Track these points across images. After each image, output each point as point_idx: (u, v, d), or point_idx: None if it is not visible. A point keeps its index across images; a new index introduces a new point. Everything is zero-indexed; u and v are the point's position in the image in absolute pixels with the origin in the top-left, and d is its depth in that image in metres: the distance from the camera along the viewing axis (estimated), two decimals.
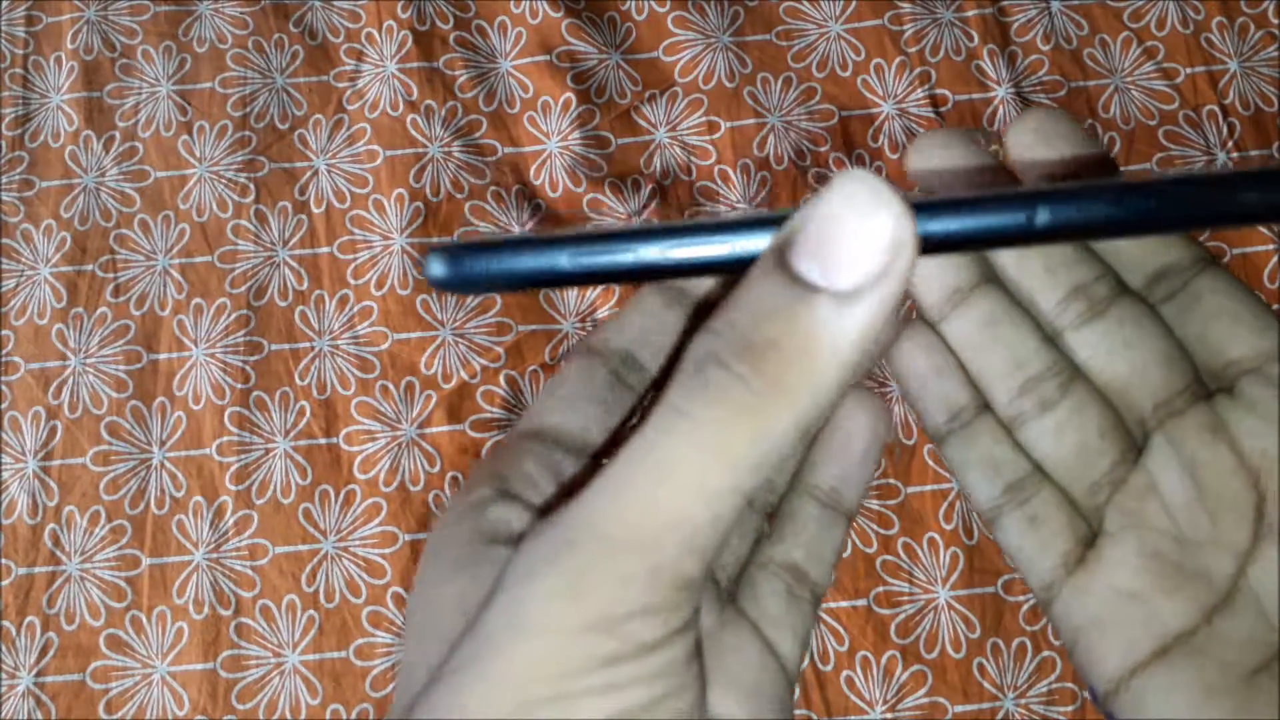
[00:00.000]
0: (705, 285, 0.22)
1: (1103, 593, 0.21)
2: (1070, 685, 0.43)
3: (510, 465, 0.20)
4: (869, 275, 0.15)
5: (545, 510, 0.19)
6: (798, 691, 0.43)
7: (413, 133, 0.51)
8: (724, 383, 0.16)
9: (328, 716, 0.44)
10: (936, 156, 0.22)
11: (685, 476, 0.16)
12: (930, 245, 0.17)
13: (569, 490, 0.18)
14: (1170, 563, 0.20)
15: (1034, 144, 0.21)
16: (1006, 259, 0.22)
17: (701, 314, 0.22)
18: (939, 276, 0.22)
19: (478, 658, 0.16)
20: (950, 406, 0.23)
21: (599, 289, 0.48)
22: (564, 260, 0.17)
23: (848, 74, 0.52)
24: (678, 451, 0.16)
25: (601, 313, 0.48)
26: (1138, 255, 0.22)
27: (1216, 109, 0.50)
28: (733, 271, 0.17)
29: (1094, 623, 0.21)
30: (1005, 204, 0.17)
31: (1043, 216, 0.17)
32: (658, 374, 0.22)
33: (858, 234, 0.15)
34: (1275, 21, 0.52)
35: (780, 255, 0.16)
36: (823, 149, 0.51)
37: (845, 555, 0.45)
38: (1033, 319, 0.22)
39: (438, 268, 0.17)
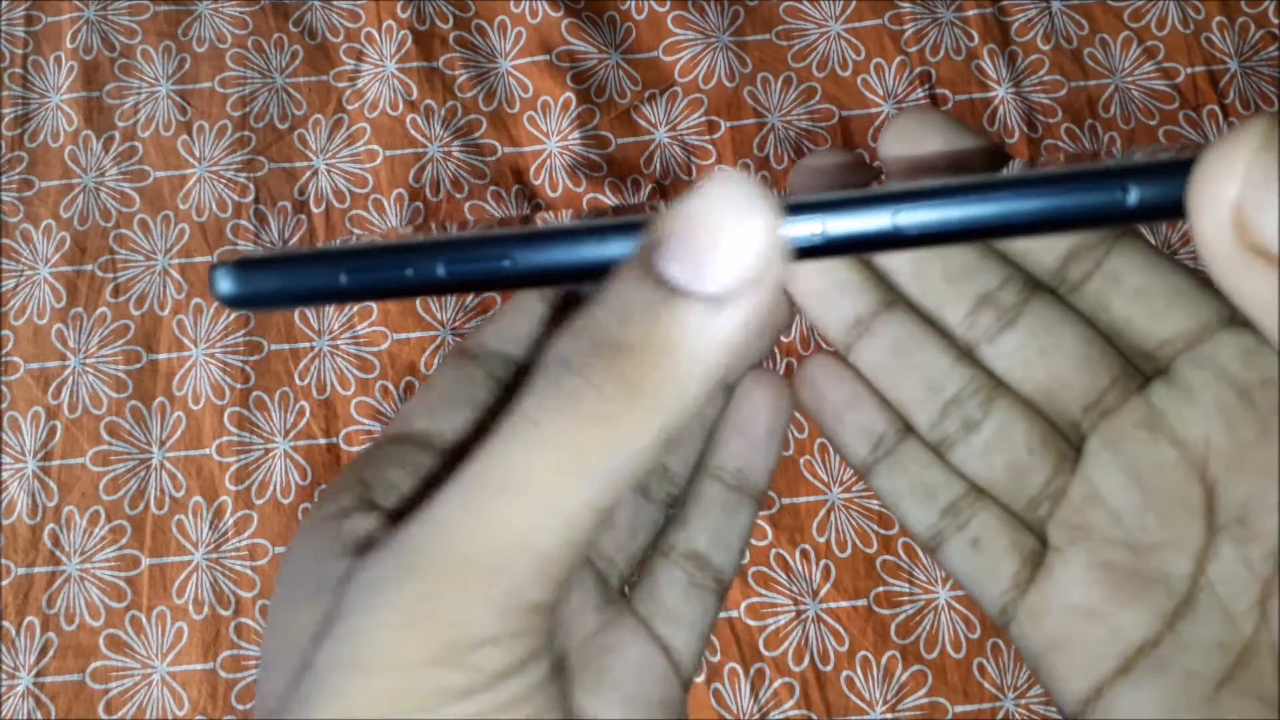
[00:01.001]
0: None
1: (1058, 612, 0.20)
2: None
3: (374, 472, 0.19)
4: (738, 280, 0.14)
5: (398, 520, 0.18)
6: (797, 691, 0.43)
7: (412, 132, 0.51)
8: (577, 389, 0.15)
9: None
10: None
11: (534, 493, 0.15)
12: (806, 251, 0.16)
13: (419, 501, 0.17)
14: (1124, 571, 0.19)
15: (901, 143, 0.20)
16: (903, 277, 0.21)
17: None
18: (838, 305, 0.21)
19: (310, 699, 0.15)
20: (870, 436, 0.21)
21: None
22: (343, 278, 0.16)
23: (848, 74, 0.52)
24: (527, 464, 0.15)
25: None
26: (1042, 240, 0.21)
27: (1217, 109, 0.50)
28: (569, 283, 0.17)
29: (1053, 644, 0.20)
30: (869, 204, 0.16)
31: (912, 217, 0.16)
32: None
33: (728, 237, 0.14)
34: (1276, 21, 0.52)
35: (646, 258, 0.15)
36: (823, 149, 0.51)
37: (845, 555, 0.45)
38: (943, 336, 0.21)
39: (225, 284, 0.16)
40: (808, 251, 0.16)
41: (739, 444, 0.22)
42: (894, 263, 0.21)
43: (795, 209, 0.16)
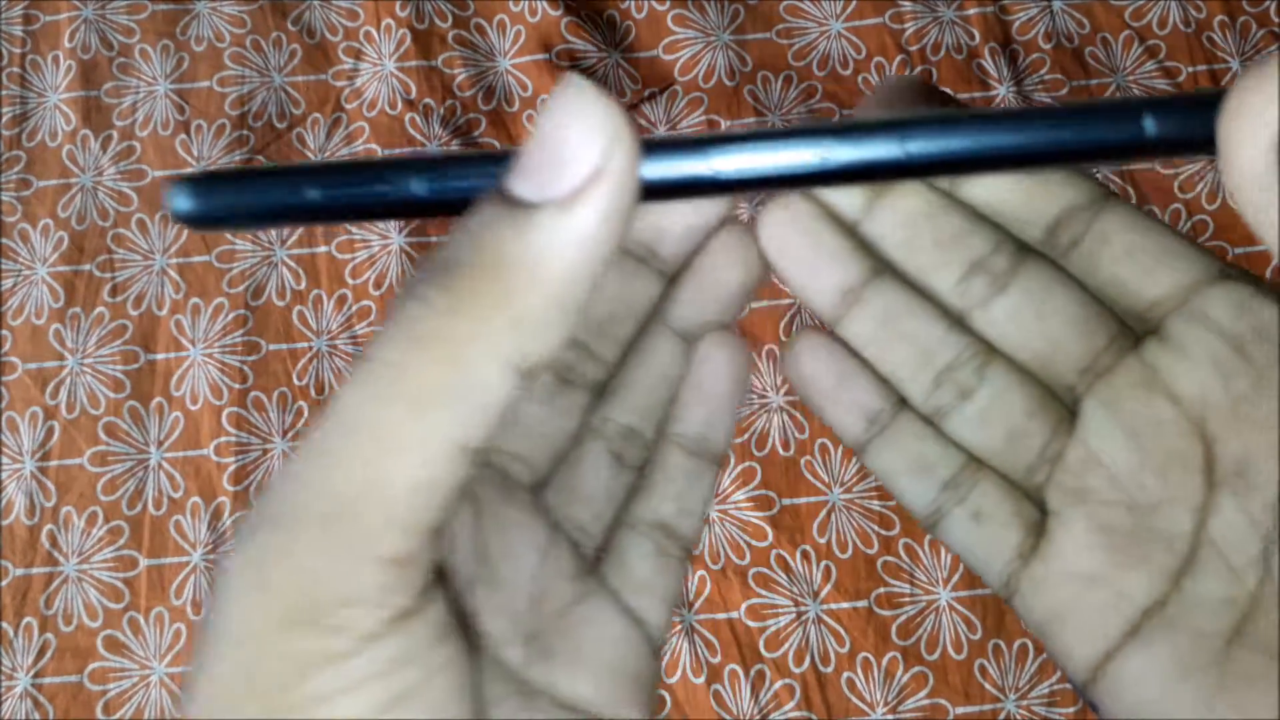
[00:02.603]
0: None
1: (1061, 580, 0.20)
2: (1072, 686, 0.43)
3: None
4: (582, 177, 0.14)
5: None
6: (798, 692, 0.43)
7: (411, 131, 0.51)
8: (416, 315, 0.14)
9: None
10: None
11: (381, 432, 0.14)
12: (659, 190, 0.16)
13: None
14: (1125, 534, 0.19)
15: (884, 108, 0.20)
16: (892, 244, 0.21)
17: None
18: (825, 276, 0.21)
19: (193, 681, 0.14)
20: (865, 412, 0.21)
21: None
22: (315, 193, 0.16)
23: (848, 72, 0.52)
24: (367, 405, 0.14)
25: None
26: (1031, 206, 0.20)
27: None
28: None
29: (1058, 613, 0.20)
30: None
31: (840, 153, 0.15)
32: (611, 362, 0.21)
33: (569, 138, 0.14)
34: (1277, 20, 0.52)
35: (499, 180, 0.14)
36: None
37: (846, 556, 0.45)
38: (935, 304, 0.21)
39: (183, 201, 0.16)
40: (662, 191, 0.16)
41: (699, 409, 0.21)
42: (882, 229, 0.21)
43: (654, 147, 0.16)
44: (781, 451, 0.46)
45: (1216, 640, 0.18)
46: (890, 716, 0.43)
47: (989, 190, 0.20)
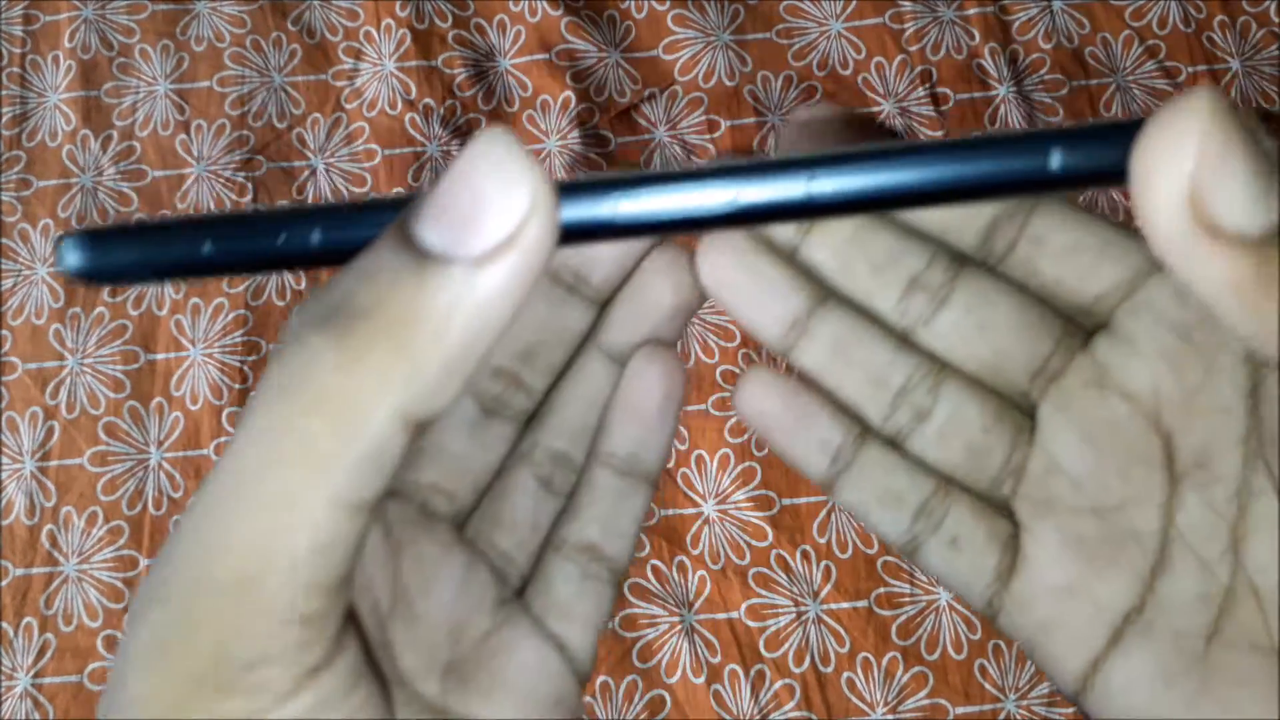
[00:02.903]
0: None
1: (1041, 595, 0.19)
2: None
3: None
4: (497, 240, 0.13)
5: None
6: (798, 692, 0.43)
7: (411, 131, 0.51)
8: (304, 368, 0.13)
9: None
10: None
11: (272, 500, 0.13)
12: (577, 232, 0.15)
13: None
14: (1095, 540, 0.19)
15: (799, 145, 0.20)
16: (830, 270, 0.20)
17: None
18: (769, 307, 0.20)
19: None
20: (826, 449, 0.21)
21: None
22: (210, 248, 0.15)
23: (848, 72, 0.52)
24: (260, 469, 0.13)
25: None
26: (961, 214, 0.20)
27: None
28: None
29: (1041, 628, 0.19)
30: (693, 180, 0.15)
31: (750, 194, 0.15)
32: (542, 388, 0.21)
33: (486, 193, 0.13)
34: (1277, 20, 0.52)
35: (403, 221, 0.13)
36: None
37: (846, 556, 0.45)
38: (880, 326, 0.20)
39: (73, 256, 0.15)
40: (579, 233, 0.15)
41: (630, 427, 0.21)
42: (817, 254, 0.20)
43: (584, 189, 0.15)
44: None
45: (1196, 640, 0.18)
46: (890, 716, 0.43)
47: None
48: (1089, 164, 0.14)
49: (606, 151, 0.51)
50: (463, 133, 0.51)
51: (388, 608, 0.19)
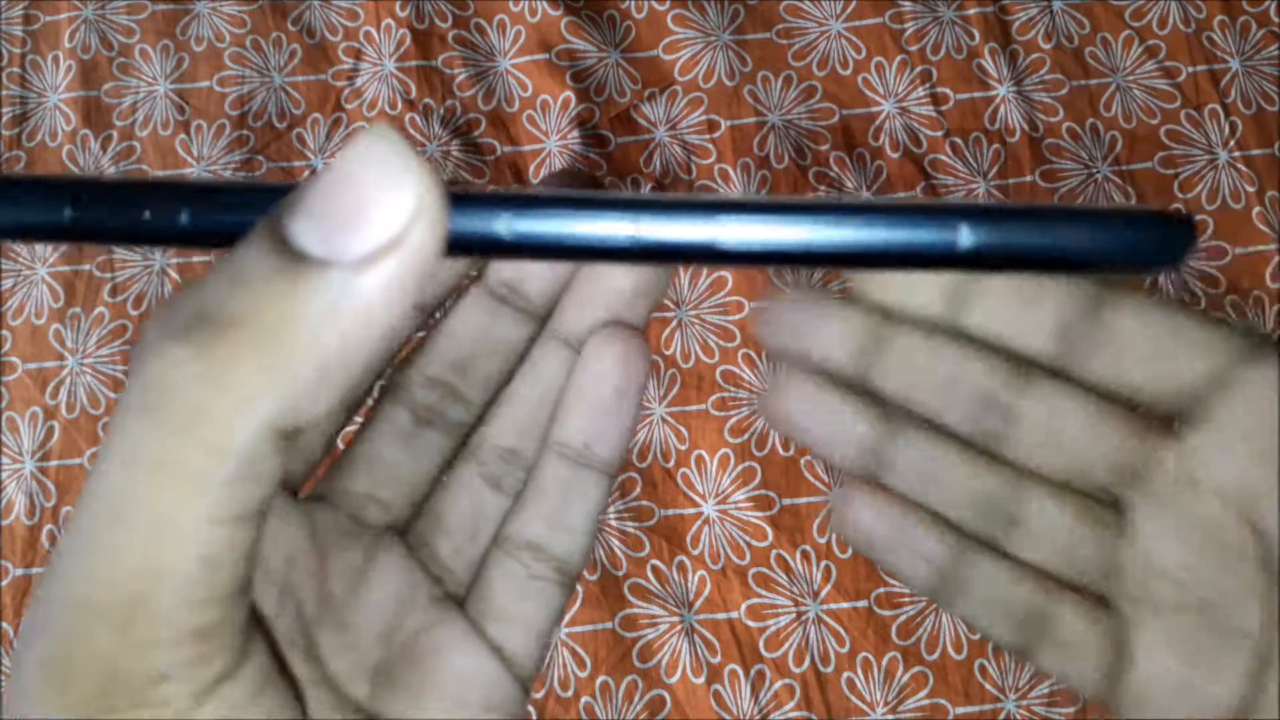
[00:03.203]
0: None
1: (1151, 694, 0.19)
2: None
3: None
4: (378, 244, 0.12)
5: None
6: (798, 692, 0.43)
7: (411, 132, 0.51)
8: (168, 383, 0.12)
9: None
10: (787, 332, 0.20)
11: (149, 522, 0.12)
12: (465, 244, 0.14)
13: None
14: (1200, 637, 0.19)
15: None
16: (894, 390, 0.20)
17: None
18: (841, 435, 0.20)
19: None
20: (931, 561, 0.21)
21: None
22: (69, 213, 0.14)
23: (848, 72, 0.52)
24: (133, 489, 0.12)
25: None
26: (1029, 318, 0.19)
27: (1219, 108, 0.50)
28: None
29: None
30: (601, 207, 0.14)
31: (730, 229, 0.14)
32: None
33: (368, 194, 0.12)
34: (1277, 20, 0.51)
35: (275, 220, 0.13)
36: (823, 148, 0.51)
37: (846, 556, 0.45)
38: (957, 442, 0.20)
39: None
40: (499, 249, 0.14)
41: (583, 414, 0.20)
42: (886, 380, 0.20)
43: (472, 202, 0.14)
44: (781, 451, 0.46)
45: None
46: (890, 716, 0.43)
47: (985, 313, 0.20)
48: (1001, 244, 0.14)
49: (607, 152, 0.51)
50: (463, 133, 0.51)
51: (314, 613, 0.18)
